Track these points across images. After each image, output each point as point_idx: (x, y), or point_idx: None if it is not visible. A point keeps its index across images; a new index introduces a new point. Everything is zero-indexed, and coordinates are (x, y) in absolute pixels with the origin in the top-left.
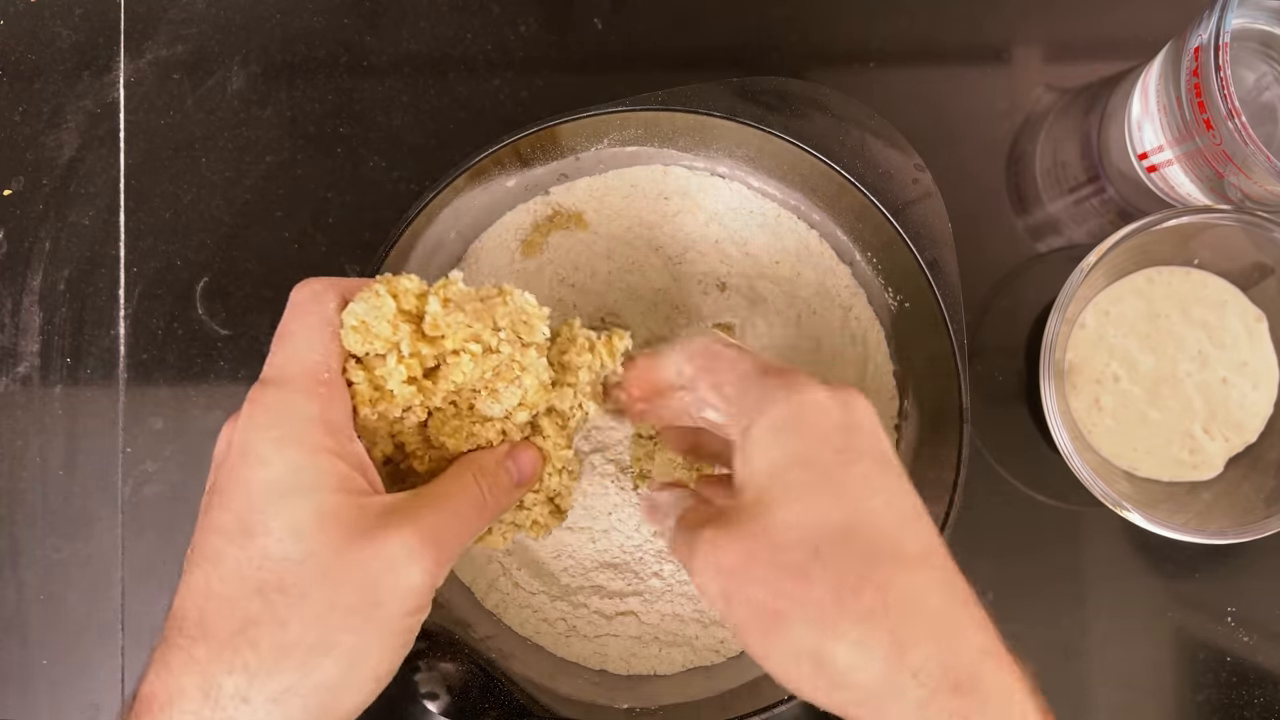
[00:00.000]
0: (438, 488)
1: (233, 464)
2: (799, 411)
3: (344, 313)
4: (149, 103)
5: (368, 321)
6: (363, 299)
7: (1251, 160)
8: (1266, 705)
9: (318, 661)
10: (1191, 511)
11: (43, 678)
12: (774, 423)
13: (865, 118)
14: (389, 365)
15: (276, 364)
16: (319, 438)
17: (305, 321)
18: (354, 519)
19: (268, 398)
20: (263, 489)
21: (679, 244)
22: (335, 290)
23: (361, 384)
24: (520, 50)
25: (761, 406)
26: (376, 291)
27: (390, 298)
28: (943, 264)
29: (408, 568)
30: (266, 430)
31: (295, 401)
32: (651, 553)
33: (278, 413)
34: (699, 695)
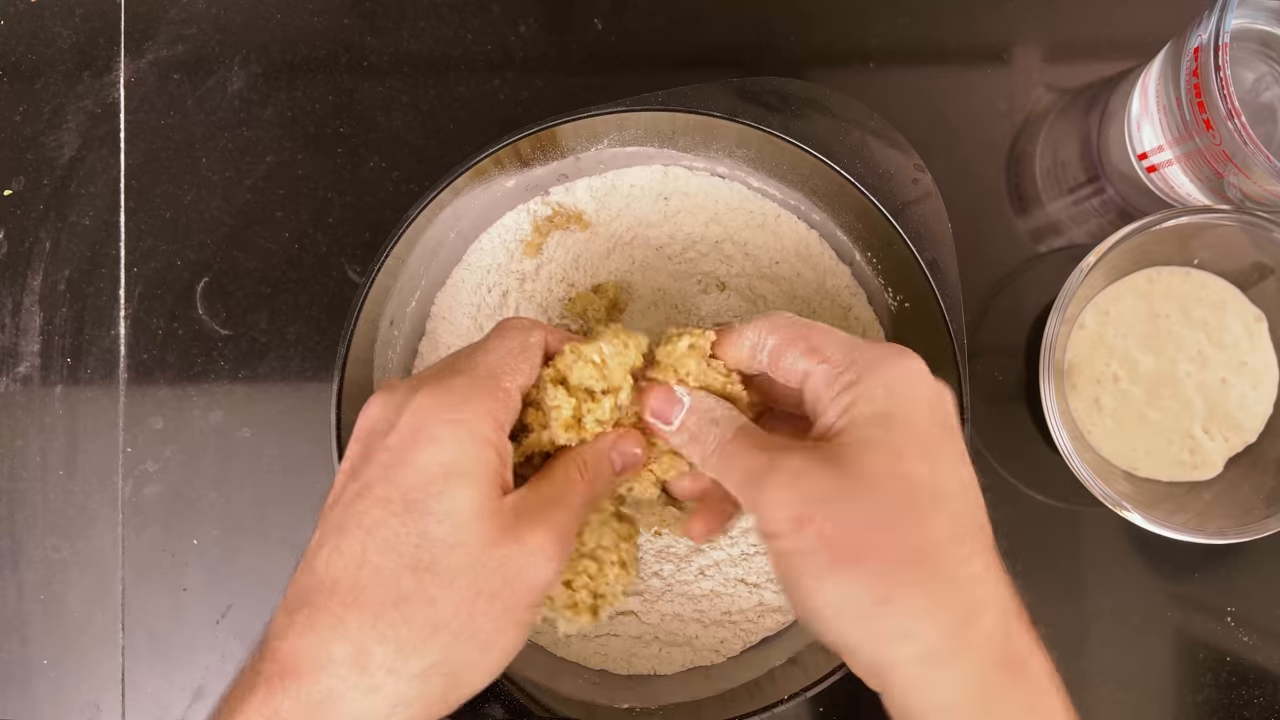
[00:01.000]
0: (553, 487)
1: (403, 439)
2: (910, 378)
3: (586, 348)
4: (149, 103)
5: (608, 362)
6: (610, 342)
7: (1251, 160)
8: (1266, 705)
9: (462, 644)
10: (1191, 511)
11: (43, 678)
12: (886, 381)
13: (865, 118)
14: (602, 405)
15: (467, 361)
16: (488, 430)
17: (505, 340)
18: (496, 514)
19: (454, 383)
20: (432, 469)
21: (679, 244)
22: (542, 328)
23: (567, 410)
24: (520, 50)
25: (873, 364)
26: (625, 342)
27: (635, 350)
28: (943, 264)
29: (542, 566)
30: (445, 412)
31: (477, 394)
32: (651, 553)
33: (460, 400)
34: (699, 695)
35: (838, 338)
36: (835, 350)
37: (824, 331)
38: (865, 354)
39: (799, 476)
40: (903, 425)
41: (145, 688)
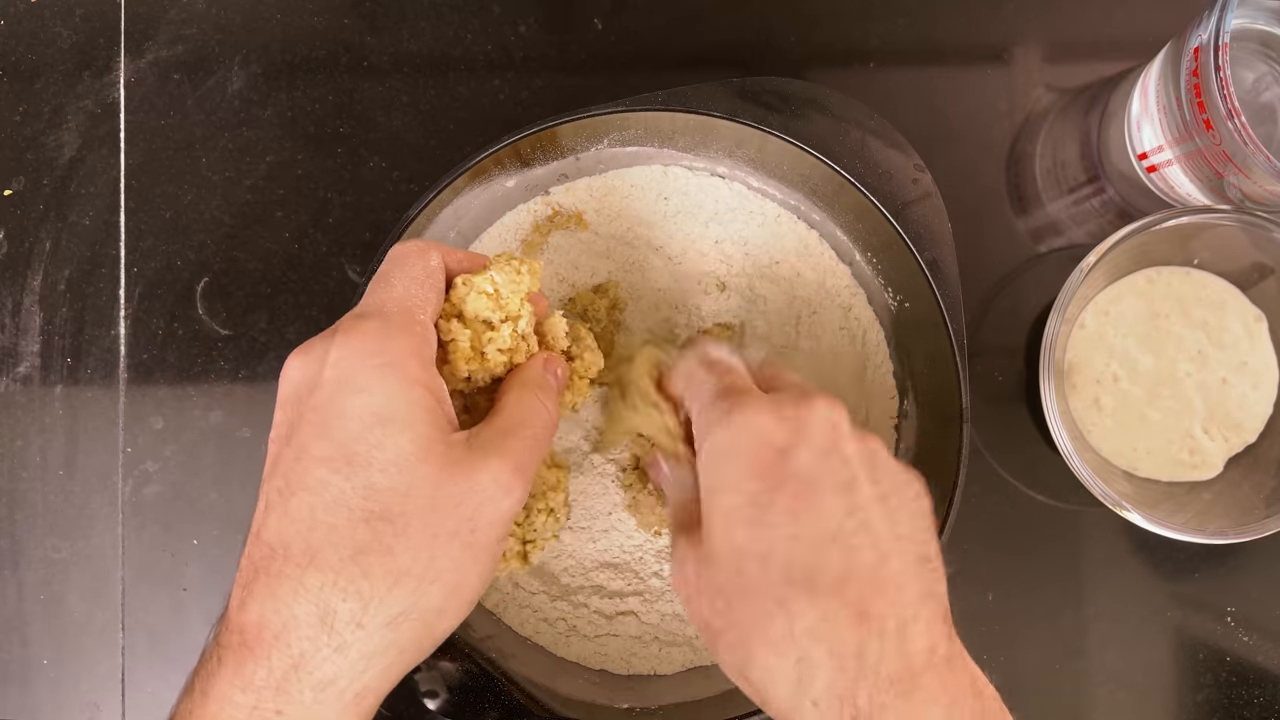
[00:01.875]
0: (510, 415)
1: (328, 392)
2: (735, 437)
3: (479, 279)
4: (149, 103)
5: (502, 291)
6: (501, 270)
7: (1251, 160)
8: (1266, 705)
9: (427, 588)
10: (1191, 511)
11: (43, 678)
12: (713, 447)
13: (865, 118)
14: (501, 333)
15: (374, 301)
16: (416, 370)
17: (406, 270)
18: (445, 452)
19: (368, 327)
20: (365, 417)
21: (679, 244)
22: (437, 249)
23: (464, 342)
24: (520, 50)
25: (708, 429)
26: (517, 269)
27: (529, 276)
28: (943, 264)
29: (500, 498)
30: (367, 358)
31: (394, 334)
32: (651, 553)
33: (378, 342)
34: (699, 695)
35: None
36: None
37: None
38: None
39: (679, 563)
40: (726, 495)
41: (145, 688)
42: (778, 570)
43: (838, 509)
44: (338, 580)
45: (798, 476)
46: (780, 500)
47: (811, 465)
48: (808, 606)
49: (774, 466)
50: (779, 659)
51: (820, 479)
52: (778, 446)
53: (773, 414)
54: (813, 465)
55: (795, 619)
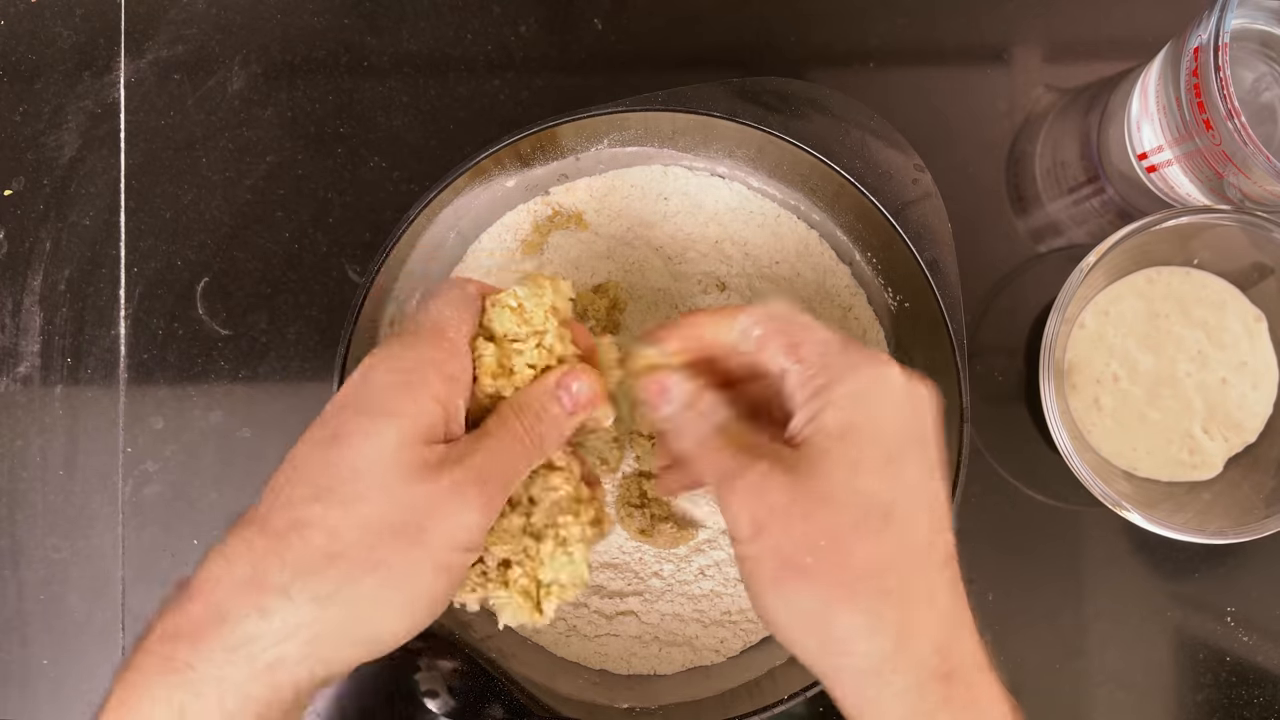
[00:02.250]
0: (483, 429)
1: (349, 390)
2: (880, 386)
3: (504, 292)
4: (149, 103)
5: (525, 305)
6: (526, 285)
7: (1251, 160)
8: (1266, 705)
9: (360, 575)
10: (1191, 511)
11: (43, 678)
12: (855, 390)
13: (865, 118)
14: (527, 348)
15: (412, 322)
16: (429, 379)
17: (442, 296)
18: (421, 458)
19: (396, 340)
20: (361, 408)
21: (679, 244)
22: (475, 282)
23: (490, 358)
24: (520, 50)
25: (844, 372)
26: (540, 283)
27: (553, 291)
28: (943, 264)
29: (459, 507)
30: (386, 363)
31: (418, 346)
32: (651, 553)
33: (400, 351)
34: (699, 695)
35: (817, 338)
36: (811, 351)
37: (806, 329)
38: (838, 359)
39: (760, 485)
40: (864, 438)
41: None
42: (897, 532)
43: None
44: (276, 546)
45: (926, 448)
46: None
47: (932, 441)
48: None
49: (915, 430)
50: (886, 611)
51: (937, 459)
52: (916, 411)
53: (904, 378)
54: (933, 441)
55: (911, 578)
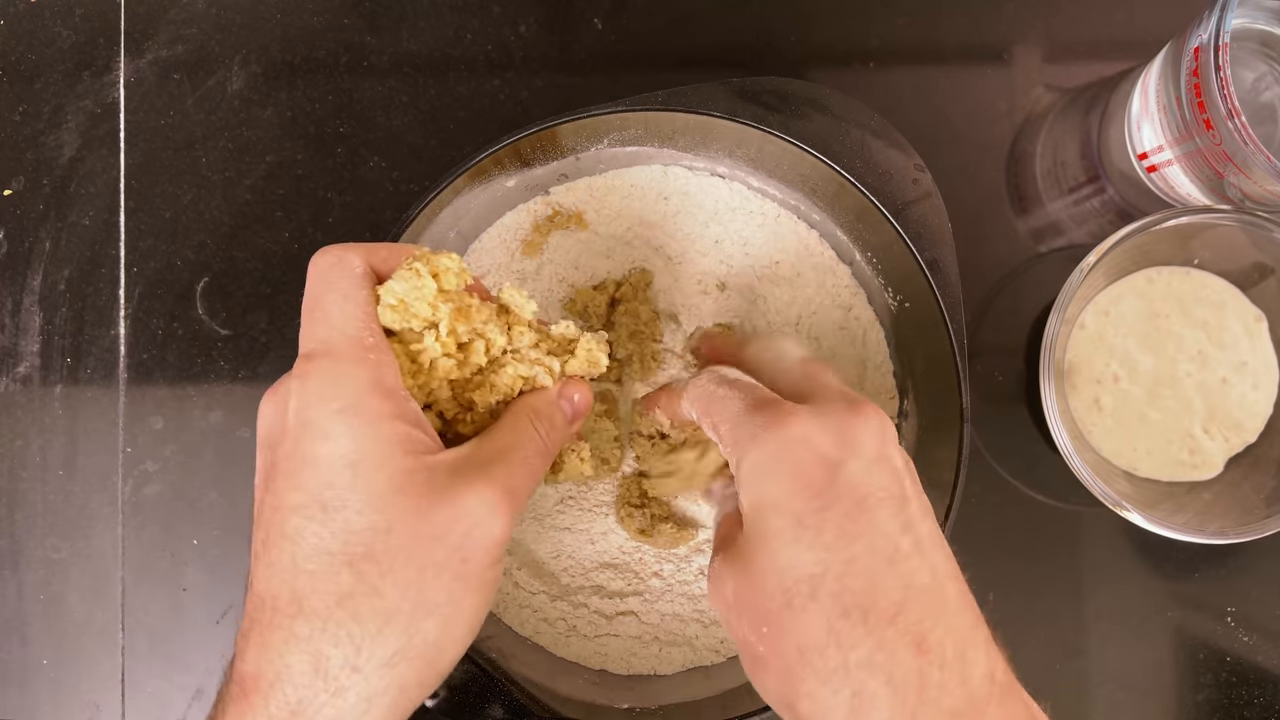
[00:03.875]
0: (501, 439)
1: (295, 441)
2: (779, 451)
3: (382, 289)
4: (149, 103)
5: (407, 301)
6: (402, 278)
7: (1251, 160)
8: (1266, 705)
9: (420, 624)
10: (1191, 511)
11: (43, 678)
12: (756, 463)
13: (865, 118)
14: (427, 342)
15: (318, 336)
16: (378, 404)
17: (336, 289)
18: (426, 480)
19: (320, 369)
20: (333, 463)
21: (679, 244)
22: (358, 253)
23: (399, 357)
24: (520, 50)
25: (748, 445)
26: (416, 270)
27: (430, 278)
28: (943, 264)
29: (490, 523)
30: (326, 403)
31: (348, 370)
32: (651, 553)
33: (333, 384)
34: (699, 695)
35: (729, 412)
36: (726, 429)
37: (720, 404)
38: (742, 432)
39: (717, 580)
40: (772, 514)
41: (145, 688)
42: (829, 598)
43: (893, 528)
44: (326, 626)
45: (849, 493)
46: (831, 520)
47: (863, 479)
48: (864, 636)
49: (823, 482)
50: (832, 693)
51: (872, 495)
52: (826, 459)
53: (818, 424)
54: (864, 479)
55: (850, 650)
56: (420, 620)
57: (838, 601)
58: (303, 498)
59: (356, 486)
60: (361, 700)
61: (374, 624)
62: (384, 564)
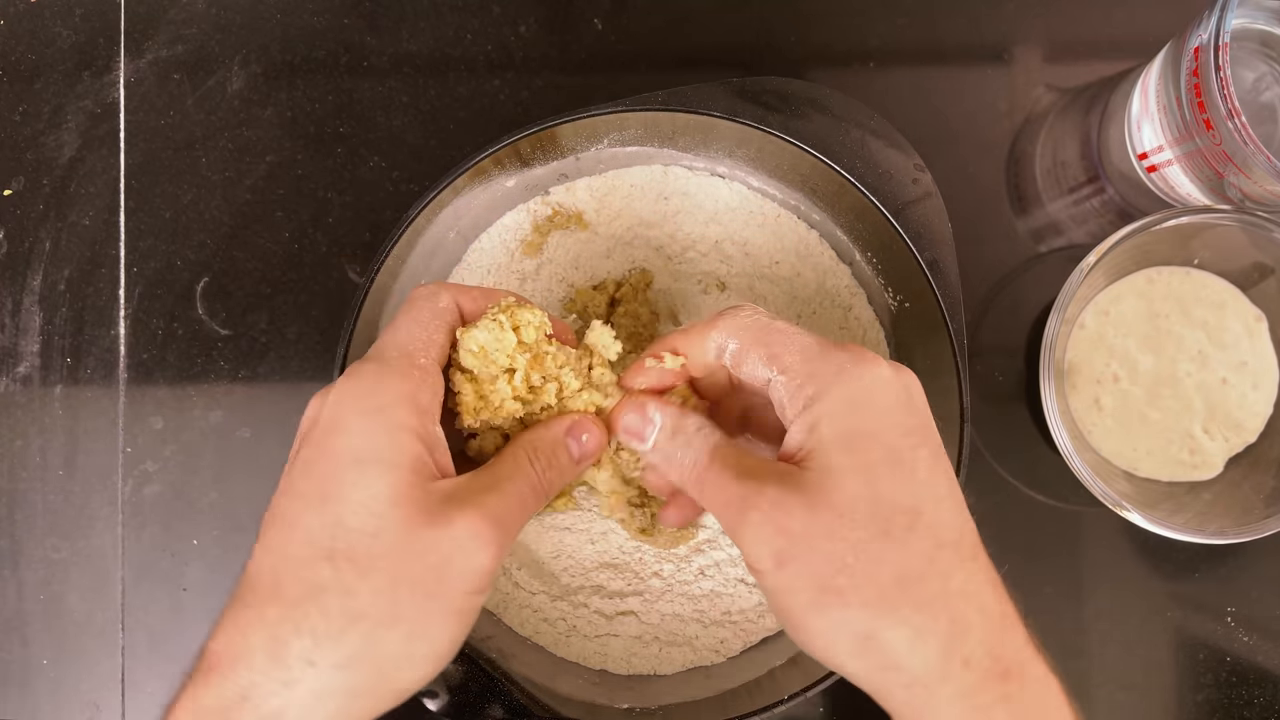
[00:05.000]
0: (497, 470)
1: (321, 433)
2: (871, 387)
3: (465, 337)
4: (149, 103)
5: (487, 349)
6: (485, 327)
7: (1251, 160)
8: (1266, 705)
9: (383, 633)
10: (1191, 511)
11: (43, 678)
12: (846, 396)
13: (865, 118)
14: (500, 386)
15: (379, 345)
16: (404, 416)
17: (413, 314)
18: (422, 499)
19: (364, 372)
20: (344, 458)
21: (679, 244)
22: (449, 290)
23: (469, 396)
24: (520, 50)
25: (831, 378)
26: (500, 322)
27: (511, 331)
28: (943, 264)
29: (475, 552)
30: (357, 401)
31: (388, 379)
32: (651, 553)
33: (371, 387)
34: (699, 695)
35: (797, 344)
36: (793, 359)
37: (783, 336)
38: (823, 365)
39: (775, 513)
40: (869, 445)
41: (145, 688)
42: (926, 530)
43: (955, 480)
44: (293, 615)
45: (931, 437)
46: (923, 459)
47: (933, 430)
48: (957, 567)
49: (913, 423)
50: (931, 619)
51: (941, 445)
52: (907, 405)
53: (893, 371)
54: (933, 430)
55: (948, 579)
56: (384, 629)
57: (934, 534)
58: (308, 485)
59: (358, 485)
60: (310, 696)
61: (338, 623)
62: (362, 566)
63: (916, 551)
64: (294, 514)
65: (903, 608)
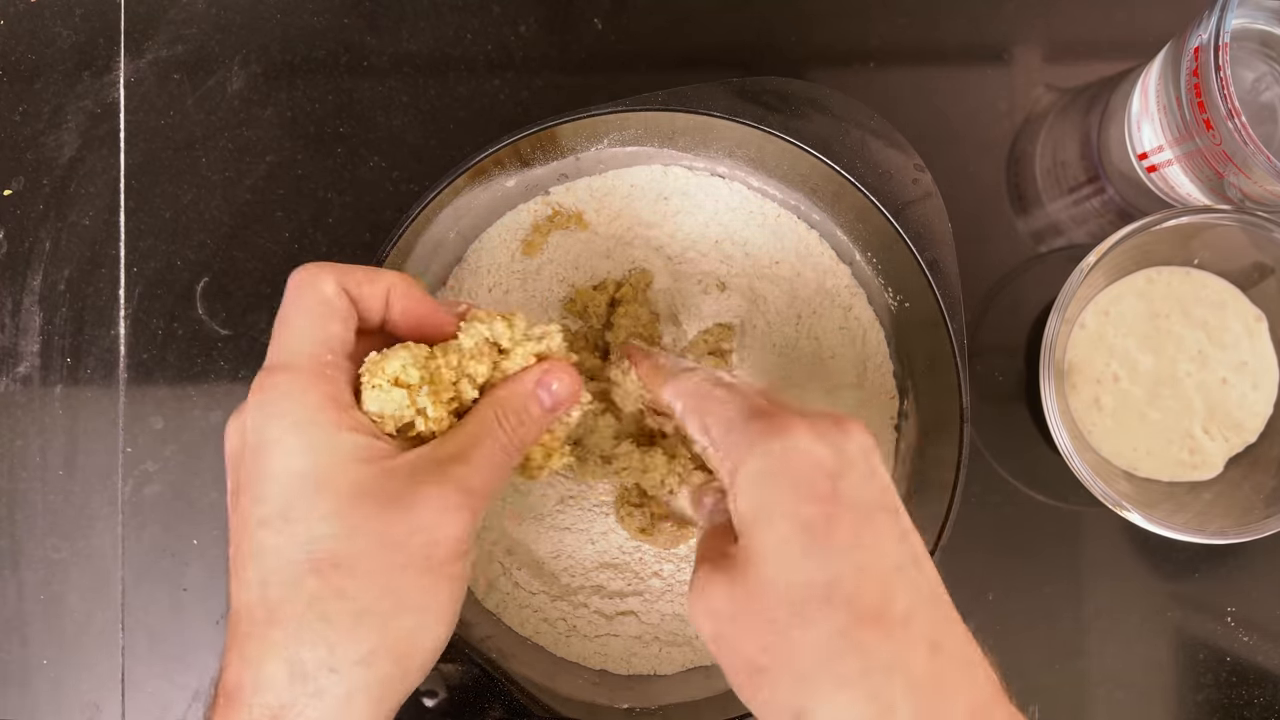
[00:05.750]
0: (461, 437)
1: (254, 456)
2: (782, 459)
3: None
4: (149, 103)
5: (385, 414)
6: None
7: (1251, 160)
8: (1266, 705)
9: (393, 621)
10: (1191, 511)
11: (43, 678)
12: (757, 470)
13: (865, 118)
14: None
15: (279, 349)
16: (332, 416)
17: (302, 306)
18: (383, 486)
19: (277, 382)
20: (293, 476)
21: (679, 244)
22: (331, 274)
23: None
24: (520, 50)
25: (746, 452)
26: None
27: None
28: (943, 264)
29: (447, 523)
30: (282, 417)
31: (304, 385)
32: (651, 553)
33: (290, 397)
34: (699, 695)
35: (723, 415)
36: (718, 432)
37: (716, 405)
38: (741, 437)
39: (706, 593)
40: (778, 520)
41: (145, 688)
42: (843, 604)
43: (893, 537)
44: (299, 632)
45: (853, 503)
46: (840, 528)
47: (861, 490)
48: (882, 641)
49: (827, 491)
50: (851, 698)
51: (872, 505)
52: (827, 469)
53: (815, 435)
54: (862, 491)
55: (870, 655)
56: (393, 617)
57: (853, 608)
58: (265, 510)
59: (315, 498)
60: (341, 699)
61: (345, 624)
62: (348, 567)
63: (832, 629)
64: (259, 543)
65: (823, 686)
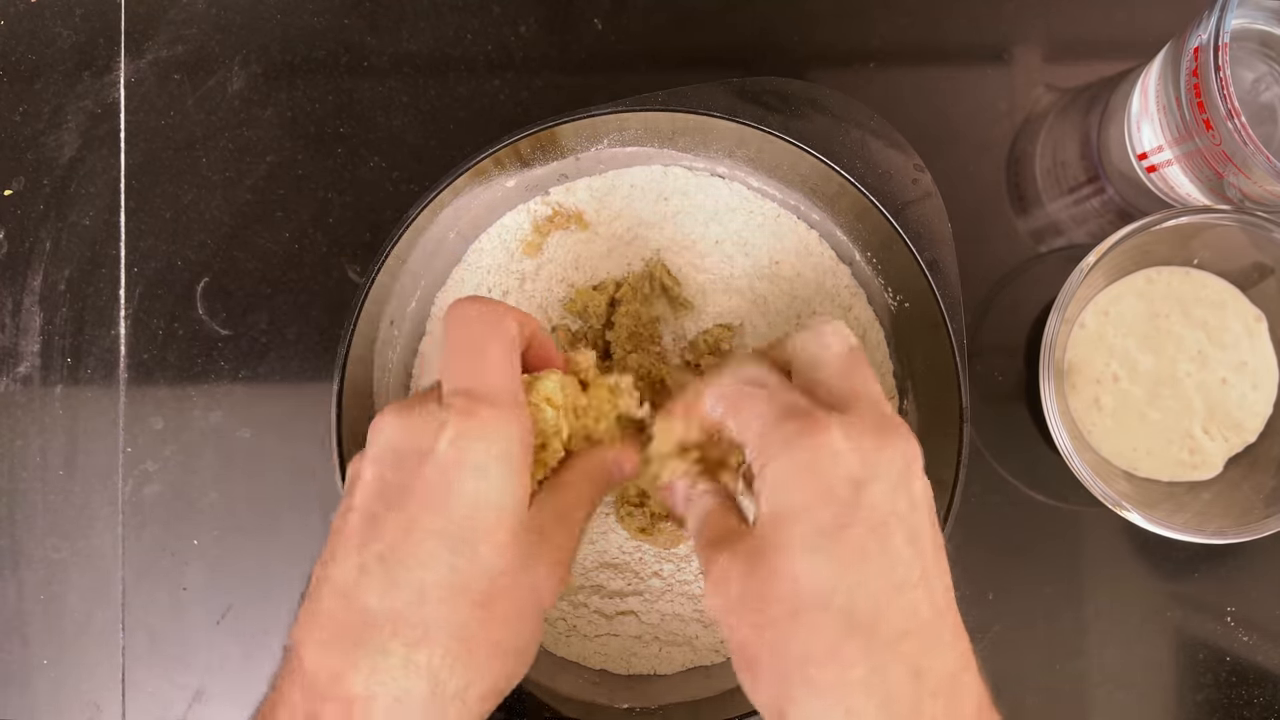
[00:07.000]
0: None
1: (444, 470)
2: (809, 461)
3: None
4: (149, 103)
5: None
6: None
7: (1251, 160)
8: (1266, 705)
9: (513, 663)
10: (1191, 511)
11: (43, 678)
12: (784, 469)
13: (865, 118)
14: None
15: (484, 382)
16: (523, 458)
17: (500, 343)
18: (523, 536)
19: (487, 413)
20: (482, 501)
21: (679, 244)
22: (510, 313)
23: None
24: (520, 50)
25: (777, 450)
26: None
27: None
28: (943, 264)
29: (556, 581)
30: (488, 444)
31: (511, 421)
32: (651, 553)
33: (497, 430)
34: (699, 695)
35: (758, 412)
36: (752, 429)
37: (751, 403)
38: (773, 435)
39: (719, 578)
40: (798, 522)
41: (145, 688)
42: (837, 613)
43: (905, 556)
44: (445, 657)
45: (870, 515)
46: (850, 538)
47: (883, 502)
48: (864, 656)
49: (847, 499)
50: (825, 707)
51: (890, 519)
52: (853, 476)
53: (849, 439)
54: (884, 503)
55: (849, 668)
56: (514, 659)
57: (844, 619)
58: (443, 524)
59: (495, 528)
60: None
61: (483, 659)
62: (495, 605)
63: (822, 636)
64: (429, 553)
65: (801, 690)
